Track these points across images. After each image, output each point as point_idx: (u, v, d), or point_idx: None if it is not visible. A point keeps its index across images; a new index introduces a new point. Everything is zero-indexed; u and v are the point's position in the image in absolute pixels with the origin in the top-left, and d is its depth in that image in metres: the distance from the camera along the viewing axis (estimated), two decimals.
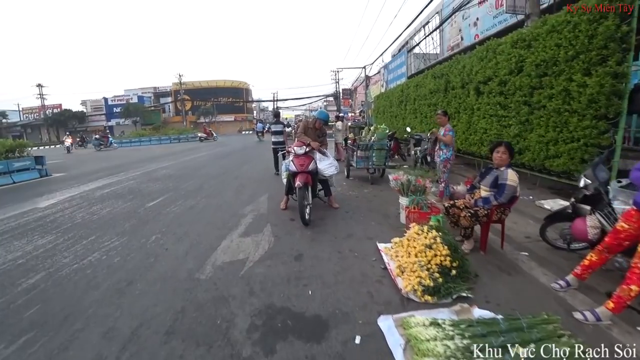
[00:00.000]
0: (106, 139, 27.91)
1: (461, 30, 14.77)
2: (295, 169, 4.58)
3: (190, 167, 11.05)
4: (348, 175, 7.94)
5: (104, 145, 26.78)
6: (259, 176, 8.62)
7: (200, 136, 30.72)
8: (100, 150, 25.75)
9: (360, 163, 7.16)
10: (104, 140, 27.36)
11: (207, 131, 31.47)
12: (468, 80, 8.11)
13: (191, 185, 7.65)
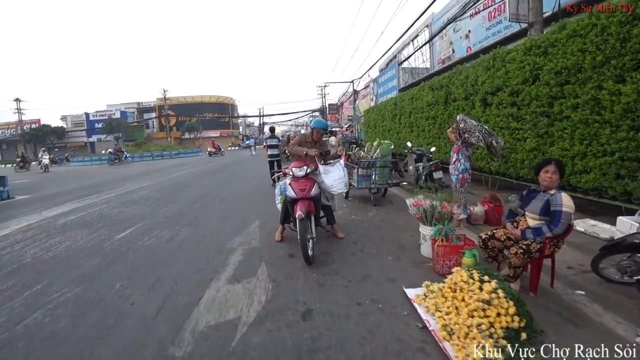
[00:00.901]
0: (121, 153, 27.46)
1: (452, 42, 14.47)
2: (295, 195, 3.74)
3: (171, 188, 10.01)
4: (347, 196, 7.13)
5: (119, 160, 26.47)
6: (248, 197, 7.73)
7: (209, 151, 30.62)
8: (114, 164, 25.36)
9: (361, 182, 6.38)
10: (119, 154, 27.04)
11: (215, 146, 31.51)
12: (473, 91, 7.54)
13: (171, 209, 6.66)
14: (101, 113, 54.74)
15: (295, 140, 4.46)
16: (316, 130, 4.42)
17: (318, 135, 4.43)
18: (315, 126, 4.47)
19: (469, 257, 3.25)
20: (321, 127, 4.47)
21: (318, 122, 4.61)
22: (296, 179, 3.86)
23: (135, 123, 55.68)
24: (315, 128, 4.43)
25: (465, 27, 13.25)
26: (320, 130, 4.44)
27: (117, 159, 26.56)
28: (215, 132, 56.19)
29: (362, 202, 6.69)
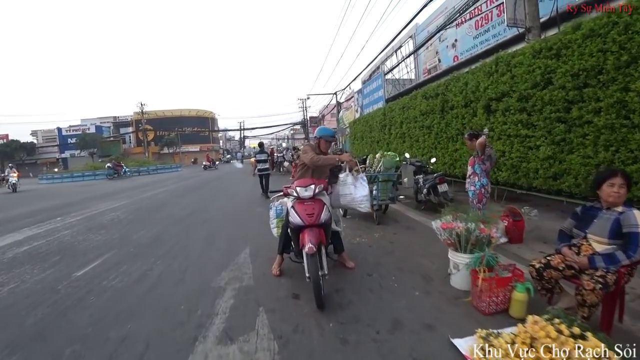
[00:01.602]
0: (120, 167, 26.26)
1: (438, 52, 14.26)
2: (301, 222, 2.97)
3: (147, 208, 8.94)
4: (345, 214, 6.39)
5: (118, 175, 25.30)
6: (235, 217, 6.87)
7: (204, 164, 30.69)
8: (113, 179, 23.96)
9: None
10: (118, 169, 25.86)
11: (209, 159, 31.80)
12: (474, 98, 7.06)
13: (145, 235, 5.69)
14: (75, 128, 52.31)
15: (308, 150, 3.63)
16: (324, 139, 3.67)
17: (326, 146, 3.69)
18: (322, 135, 3.68)
19: (521, 291, 2.61)
20: (329, 135, 3.72)
21: (324, 129, 3.82)
22: (301, 201, 3.10)
23: (112, 138, 53.44)
24: (323, 137, 3.66)
25: (451, 37, 13.05)
26: (328, 139, 3.69)
27: (116, 173, 25.55)
28: (195, 146, 54.67)
29: (363, 220, 5.97)
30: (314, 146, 3.67)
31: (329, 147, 3.70)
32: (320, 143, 3.66)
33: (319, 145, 3.66)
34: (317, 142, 3.67)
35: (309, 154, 3.47)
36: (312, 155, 3.42)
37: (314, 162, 3.40)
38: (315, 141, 3.73)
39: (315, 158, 3.40)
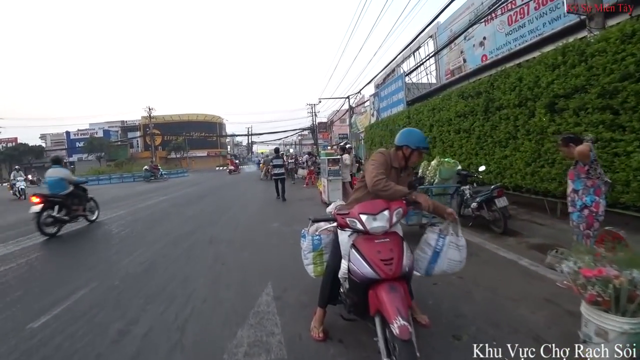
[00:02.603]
0: (156, 170, 26.46)
1: (463, 52, 13.09)
2: (374, 274, 1.78)
3: (144, 220, 7.75)
4: None
5: (155, 177, 25.41)
6: (247, 235, 5.66)
7: (230, 169, 30.67)
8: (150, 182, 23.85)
9: (411, 217, 4.44)
10: (155, 171, 26.02)
11: (233, 163, 32.01)
12: (531, 96, 5.86)
13: (136, 261, 4.46)
14: (83, 132, 51.94)
15: (376, 163, 2.26)
16: (418, 151, 2.34)
17: (418, 158, 2.41)
18: (416, 144, 2.31)
19: None
20: (423, 146, 2.35)
21: (415, 134, 2.38)
22: (369, 238, 1.90)
23: (119, 142, 52.86)
24: (419, 148, 2.33)
25: (478, 35, 11.88)
26: (422, 151, 2.37)
27: (152, 175, 25.56)
28: (202, 151, 53.88)
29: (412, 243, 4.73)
30: (391, 157, 2.33)
31: (419, 162, 2.40)
32: (410, 154, 2.32)
33: (402, 154, 2.34)
34: (402, 154, 2.35)
35: (375, 170, 2.17)
36: (378, 177, 2.12)
37: (378, 189, 2.11)
38: (395, 151, 2.37)
39: (383, 184, 2.09)
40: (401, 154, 2.36)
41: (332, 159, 7.84)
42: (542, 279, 3.55)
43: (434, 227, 2.30)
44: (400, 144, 2.35)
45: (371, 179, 2.15)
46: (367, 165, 2.35)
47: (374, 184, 2.12)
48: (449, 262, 2.18)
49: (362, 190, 2.36)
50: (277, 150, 11.75)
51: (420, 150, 2.34)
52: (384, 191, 2.10)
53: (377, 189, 2.12)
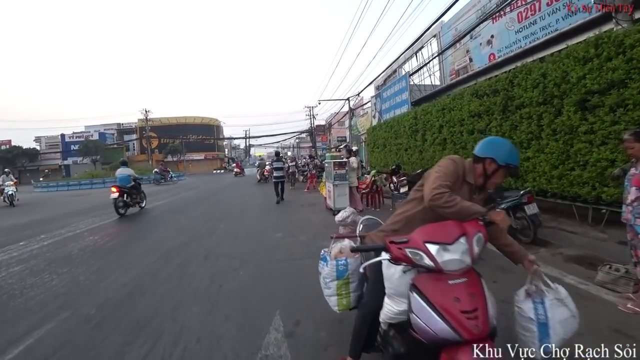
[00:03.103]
0: (167, 172, 26.33)
1: (469, 51, 12.58)
2: (453, 333, 1.18)
3: (132, 230, 7.12)
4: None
5: (165, 180, 25.17)
6: (247, 247, 5.04)
7: (235, 171, 31.04)
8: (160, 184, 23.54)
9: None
10: (164, 174, 25.83)
11: (239, 166, 32.29)
12: (558, 93, 5.33)
13: (119, 281, 3.82)
14: (78, 134, 51.03)
15: (442, 171, 1.68)
16: (506, 169, 1.68)
17: (502, 179, 1.73)
18: (505, 160, 1.66)
19: None
20: (514, 164, 1.69)
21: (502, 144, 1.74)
22: (439, 277, 1.30)
23: (115, 145, 51.99)
24: (508, 166, 1.67)
25: (486, 33, 11.37)
26: (511, 169, 1.70)
27: (162, 178, 25.40)
28: (199, 154, 53.16)
29: None
30: (465, 169, 1.72)
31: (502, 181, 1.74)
32: (495, 174, 1.68)
33: (484, 174, 1.70)
34: (482, 169, 1.70)
35: (438, 180, 1.60)
36: (440, 189, 1.55)
37: (438, 205, 1.54)
38: (473, 163, 1.75)
39: (445, 199, 1.53)
40: (481, 168, 1.71)
41: (339, 162, 7.25)
42: (598, 301, 3.01)
43: (519, 294, 1.63)
44: (482, 155, 1.70)
45: (430, 190, 1.56)
46: (429, 172, 1.75)
47: (432, 196, 1.53)
48: (562, 325, 1.52)
49: (416, 204, 1.75)
50: (277, 154, 11.80)
51: (509, 168, 1.67)
52: (446, 208, 1.51)
53: (436, 205, 1.53)
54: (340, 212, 5.50)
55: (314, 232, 5.75)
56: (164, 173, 26.11)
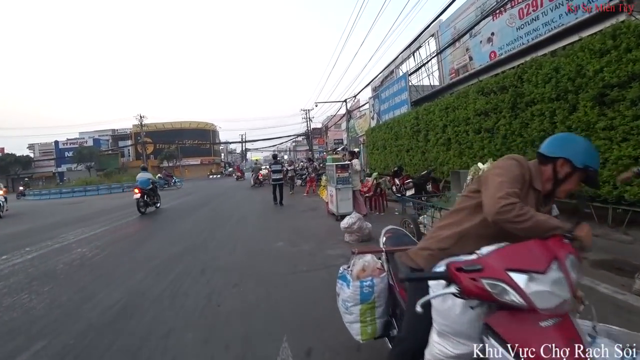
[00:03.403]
0: (170, 178, 26.53)
1: (469, 49, 12.32)
2: None
3: (126, 239, 6.70)
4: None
5: (168, 185, 25.39)
6: (247, 259, 4.64)
7: (237, 175, 31.48)
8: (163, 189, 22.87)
9: None
10: (168, 179, 26.09)
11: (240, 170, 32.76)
12: (572, 88, 5.04)
13: (105, 302, 3.40)
14: (72, 141, 50.29)
15: (505, 174, 1.29)
16: (583, 173, 1.31)
17: (576, 185, 1.35)
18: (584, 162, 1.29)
19: None
20: (594, 167, 1.31)
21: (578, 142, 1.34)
22: (524, 316, 0.94)
23: (110, 151, 51.30)
24: (587, 168, 1.29)
25: (486, 30, 11.11)
26: (590, 173, 1.31)
27: (166, 183, 25.44)
28: (195, 159, 52.62)
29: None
30: (531, 172, 1.37)
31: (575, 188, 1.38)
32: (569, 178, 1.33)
33: (554, 178, 1.36)
34: (552, 171, 1.35)
35: (502, 186, 1.25)
36: (509, 198, 1.20)
37: (508, 219, 1.19)
38: (540, 165, 1.41)
39: (517, 211, 1.17)
40: (550, 171, 1.36)
41: (341, 165, 6.89)
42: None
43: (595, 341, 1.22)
44: (553, 155, 1.35)
45: (495, 200, 1.21)
46: (486, 176, 1.37)
47: (500, 209, 1.18)
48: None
49: (468, 216, 1.39)
50: (275, 157, 11.87)
51: (587, 172, 1.31)
52: (518, 223, 1.16)
53: (504, 219, 1.18)
54: (345, 218, 5.16)
55: (317, 239, 5.38)
56: (167, 178, 26.43)
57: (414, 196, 6.56)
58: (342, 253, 4.47)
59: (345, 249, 4.73)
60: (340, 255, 4.39)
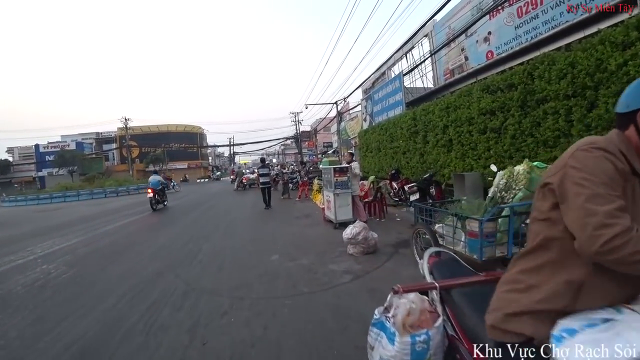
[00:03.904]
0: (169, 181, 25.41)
1: (464, 49, 12.01)
2: None
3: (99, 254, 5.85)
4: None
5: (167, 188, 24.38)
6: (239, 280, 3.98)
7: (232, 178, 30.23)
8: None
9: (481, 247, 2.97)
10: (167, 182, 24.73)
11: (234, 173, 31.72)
12: (592, 84, 4.63)
13: (59, 344, 2.73)
14: (54, 144, 48.38)
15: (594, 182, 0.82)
16: None
17: None
18: None
19: None
20: None
21: None
22: None
23: (94, 155, 49.56)
24: None
25: (482, 30, 10.80)
26: None
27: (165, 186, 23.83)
28: (182, 163, 51.35)
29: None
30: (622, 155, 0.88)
31: None
32: None
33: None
34: (635, 131, 0.91)
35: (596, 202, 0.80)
36: (612, 228, 0.75)
37: (622, 258, 0.75)
38: (620, 130, 0.97)
39: (634, 245, 0.73)
40: (634, 133, 0.93)
41: (339, 168, 6.33)
42: None
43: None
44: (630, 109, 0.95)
45: (590, 233, 0.80)
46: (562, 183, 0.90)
47: (602, 246, 0.78)
48: None
49: (569, 253, 0.89)
50: (263, 160, 11.96)
51: None
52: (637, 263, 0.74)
53: (613, 260, 0.79)
54: (348, 227, 4.59)
55: (317, 251, 4.80)
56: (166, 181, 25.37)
57: (420, 201, 6.08)
58: (348, 268, 3.91)
59: (350, 262, 4.16)
60: (345, 271, 3.82)
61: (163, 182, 13.64)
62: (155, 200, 12.11)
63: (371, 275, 3.62)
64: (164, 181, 13.98)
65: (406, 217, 7.28)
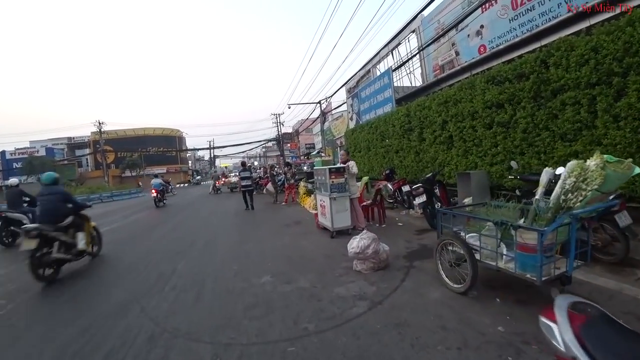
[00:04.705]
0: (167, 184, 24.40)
1: (455, 44, 11.56)
2: None
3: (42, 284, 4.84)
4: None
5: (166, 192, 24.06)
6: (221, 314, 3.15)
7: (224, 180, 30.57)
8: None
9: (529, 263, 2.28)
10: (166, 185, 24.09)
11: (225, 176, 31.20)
12: (619, 70, 4.14)
13: None
14: (21, 151, 45.38)
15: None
16: None
17: None
18: None
19: None
20: None
21: None
22: None
23: (66, 161, 46.75)
24: None
25: (474, 23, 10.35)
26: None
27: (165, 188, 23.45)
28: (161, 167, 49.19)
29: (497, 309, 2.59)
30: None
31: None
32: None
33: None
34: None
35: None
36: None
37: None
38: None
39: None
40: None
41: (335, 169, 5.57)
42: None
43: None
44: None
45: None
46: None
47: None
48: None
49: None
50: (243, 164, 12.20)
51: None
52: None
53: None
54: (353, 239, 3.82)
55: (316, 269, 4.00)
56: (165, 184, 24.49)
57: (427, 204, 5.41)
58: (360, 292, 3.14)
59: (360, 283, 3.40)
60: (358, 296, 3.06)
61: (164, 184, 16.04)
62: (158, 199, 14.75)
63: (391, 301, 2.88)
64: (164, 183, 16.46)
65: (408, 222, 6.61)
